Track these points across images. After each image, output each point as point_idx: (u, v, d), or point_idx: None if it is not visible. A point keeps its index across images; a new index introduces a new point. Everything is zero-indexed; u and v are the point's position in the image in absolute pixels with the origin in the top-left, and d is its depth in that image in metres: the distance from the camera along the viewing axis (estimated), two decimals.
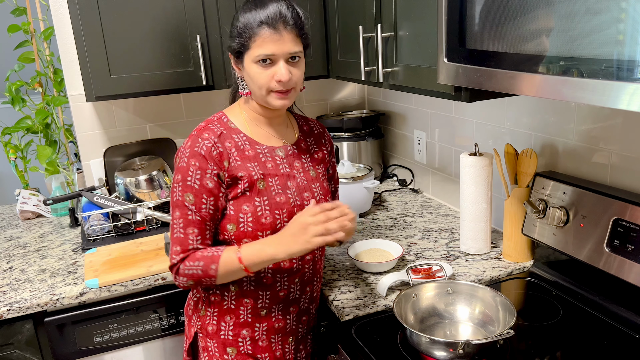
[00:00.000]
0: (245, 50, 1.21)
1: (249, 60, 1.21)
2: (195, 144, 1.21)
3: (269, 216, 1.24)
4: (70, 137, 2.52)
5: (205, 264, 1.19)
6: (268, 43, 1.18)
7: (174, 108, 2.32)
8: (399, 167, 2.44)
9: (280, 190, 1.27)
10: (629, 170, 1.34)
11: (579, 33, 0.87)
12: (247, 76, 1.24)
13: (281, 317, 1.34)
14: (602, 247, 1.29)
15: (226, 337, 1.32)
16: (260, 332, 1.33)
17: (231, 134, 1.26)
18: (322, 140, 1.43)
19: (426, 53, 1.40)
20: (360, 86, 2.65)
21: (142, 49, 1.84)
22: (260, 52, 1.18)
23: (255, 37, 1.18)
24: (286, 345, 1.37)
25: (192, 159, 1.20)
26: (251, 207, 1.23)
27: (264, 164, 1.27)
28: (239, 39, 1.21)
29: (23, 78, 2.64)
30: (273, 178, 1.27)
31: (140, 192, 2.03)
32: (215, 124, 1.27)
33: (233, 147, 1.25)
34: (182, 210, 1.21)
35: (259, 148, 1.28)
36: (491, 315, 1.27)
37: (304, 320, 1.40)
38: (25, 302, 1.52)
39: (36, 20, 2.54)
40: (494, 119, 1.77)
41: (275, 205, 1.25)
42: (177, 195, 1.21)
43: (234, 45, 1.24)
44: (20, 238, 2.03)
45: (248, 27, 1.19)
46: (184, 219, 1.21)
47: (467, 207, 1.61)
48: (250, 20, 1.19)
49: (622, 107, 0.81)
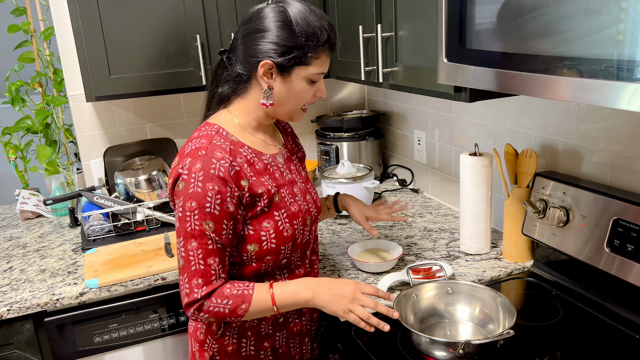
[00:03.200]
0: (299, 65, 1.14)
1: (300, 76, 1.15)
2: (211, 166, 1.09)
3: (289, 228, 1.20)
4: (70, 137, 2.52)
5: (234, 302, 1.11)
6: (326, 62, 1.17)
7: (174, 108, 2.32)
8: (399, 167, 2.44)
9: (292, 199, 1.23)
10: (629, 170, 1.34)
11: (579, 33, 0.87)
12: (287, 90, 1.16)
13: (297, 321, 1.32)
14: (602, 247, 1.29)
15: (247, 353, 1.27)
16: (280, 340, 1.29)
17: (237, 149, 1.17)
18: (295, 139, 1.43)
19: (426, 53, 1.40)
20: (360, 86, 2.65)
21: (142, 49, 1.84)
22: (319, 71, 1.16)
23: (320, 54, 1.15)
24: (304, 346, 1.36)
25: (209, 183, 1.08)
26: (272, 223, 1.17)
27: (273, 175, 1.22)
28: (297, 52, 1.12)
29: (23, 78, 2.64)
30: (283, 188, 1.23)
31: (140, 192, 2.04)
32: (220, 140, 1.15)
33: (245, 162, 1.16)
34: (200, 240, 1.09)
35: (265, 159, 1.22)
36: (491, 315, 1.27)
37: (315, 317, 1.39)
38: (25, 302, 1.52)
39: (36, 20, 2.54)
40: (494, 119, 1.77)
41: (292, 216, 1.21)
42: (192, 225, 1.09)
43: (283, 60, 1.12)
44: (20, 238, 2.03)
45: (311, 43, 1.12)
46: (204, 250, 1.10)
47: (467, 207, 1.61)
48: (315, 40, 1.12)
49: (622, 107, 0.81)
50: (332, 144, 2.38)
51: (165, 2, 1.83)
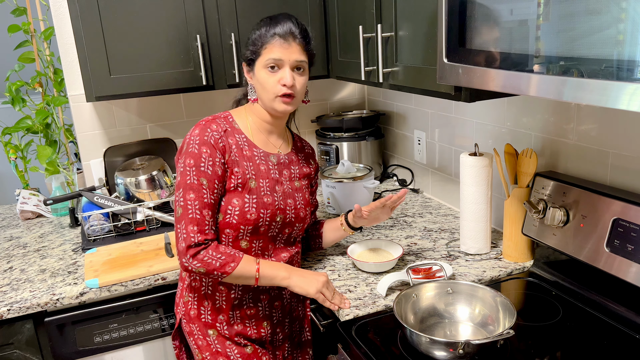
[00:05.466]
0: (256, 58, 1.35)
1: (259, 66, 1.35)
2: (205, 134, 1.32)
3: (254, 213, 1.35)
4: (70, 137, 2.52)
5: (226, 259, 1.29)
6: (277, 49, 1.32)
7: (174, 108, 2.32)
8: (399, 167, 2.44)
9: (268, 192, 1.38)
10: (629, 170, 1.34)
11: (579, 33, 0.87)
12: (257, 82, 1.37)
13: (252, 305, 1.43)
14: (602, 247, 1.29)
15: (206, 319, 1.42)
16: (234, 317, 1.42)
17: (234, 133, 1.37)
18: (310, 160, 1.56)
19: (426, 53, 1.40)
20: (360, 86, 2.65)
21: (142, 49, 1.84)
22: (269, 57, 1.32)
23: (267, 45, 1.33)
24: (261, 329, 1.46)
25: (203, 147, 1.30)
26: (240, 202, 1.34)
27: (257, 165, 1.38)
28: (253, 47, 1.36)
29: (23, 78, 2.64)
30: (264, 180, 1.38)
31: (140, 192, 2.03)
32: (222, 121, 1.38)
33: (234, 145, 1.36)
34: (197, 192, 1.29)
35: (256, 151, 1.40)
36: (491, 315, 1.27)
37: (276, 305, 1.47)
38: (26, 302, 1.52)
39: (36, 20, 2.54)
40: (494, 119, 1.77)
41: (262, 205, 1.36)
42: (191, 179, 1.29)
43: (247, 54, 1.38)
44: (21, 238, 2.03)
45: (262, 37, 1.34)
46: (200, 201, 1.29)
47: (467, 207, 1.61)
48: (264, 32, 1.34)
49: (622, 107, 0.81)
50: (332, 144, 2.38)
51: (165, 3, 1.84)
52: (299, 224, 1.46)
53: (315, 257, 1.71)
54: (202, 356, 1.42)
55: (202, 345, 1.42)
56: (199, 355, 1.43)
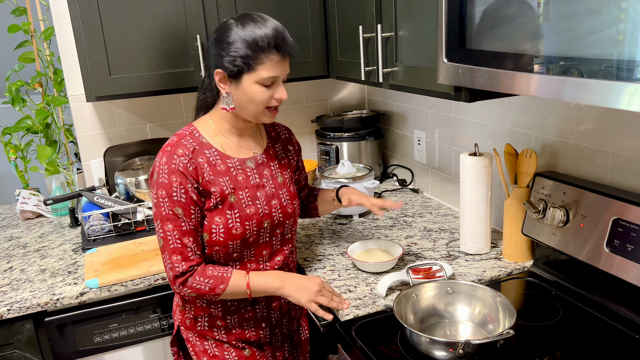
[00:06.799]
0: (246, 72, 1.24)
1: (250, 81, 1.25)
2: (172, 161, 1.26)
3: (239, 227, 1.32)
4: (70, 137, 2.52)
5: (214, 282, 1.28)
6: (275, 67, 1.24)
7: (174, 108, 2.32)
8: (399, 167, 2.44)
9: (250, 202, 1.34)
10: (629, 170, 1.34)
11: (579, 33, 0.87)
12: (243, 94, 1.27)
13: (250, 308, 1.42)
14: (602, 247, 1.29)
15: (202, 328, 1.41)
16: (232, 322, 1.41)
17: (203, 150, 1.31)
18: (288, 146, 1.50)
19: (426, 53, 1.40)
20: (360, 86, 2.65)
21: (142, 49, 1.84)
22: (268, 75, 1.24)
23: (263, 60, 1.23)
24: (260, 330, 1.45)
25: (172, 175, 1.25)
26: (222, 220, 1.31)
27: (235, 177, 1.34)
28: (241, 60, 1.23)
29: (23, 78, 2.64)
30: (244, 191, 1.34)
31: (140, 192, 2.04)
32: (188, 139, 1.31)
33: (205, 163, 1.30)
34: (174, 222, 1.26)
35: (230, 162, 1.34)
36: (491, 315, 1.27)
37: (274, 306, 1.46)
38: (26, 302, 1.52)
39: (36, 20, 2.54)
40: (494, 119, 1.77)
41: (246, 217, 1.33)
42: (165, 210, 1.26)
43: (232, 67, 1.24)
44: (21, 238, 2.03)
45: (254, 49, 1.22)
46: (179, 230, 1.26)
47: (467, 207, 1.61)
48: (255, 41, 1.21)
49: (622, 107, 0.81)
50: (332, 144, 2.38)
51: (165, 2, 1.84)
52: (289, 220, 1.43)
53: (315, 257, 1.71)
54: None
55: (199, 351, 1.41)
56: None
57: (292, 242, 1.48)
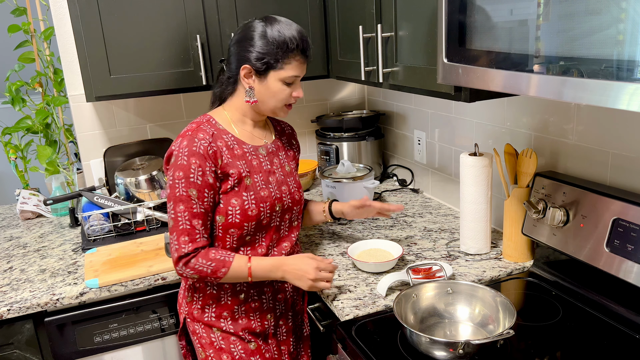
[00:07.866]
0: (273, 69, 1.35)
1: (275, 78, 1.36)
2: (193, 144, 1.32)
3: (255, 209, 1.38)
4: (70, 137, 2.52)
5: (216, 265, 1.32)
6: (299, 67, 1.37)
7: (174, 108, 2.32)
8: (399, 167, 2.44)
9: (263, 185, 1.41)
10: (629, 170, 1.34)
11: (579, 33, 0.87)
12: (266, 90, 1.38)
13: (257, 298, 1.45)
14: (602, 247, 1.29)
15: (209, 319, 1.44)
16: (239, 312, 1.44)
17: (221, 135, 1.39)
18: (292, 140, 1.60)
19: (426, 53, 1.40)
20: (360, 86, 2.65)
21: (142, 49, 1.84)
22: (292, 74, 1.36)
23: (290, 60, 1.35)
24: (265, 321, 1.48)
25: (192, 157, 1.31)
26: (239, 201, 1.36)
27: (250, 162, 1.41)
28: (270, 57, 1.33)
29: (23, 78, 2.64)
30: (258, 175, 1.41)
31: (140, 192, 2.03)
32: (207, 126, 1.38)
33: (224, 147, 1.37)
34: (186, 204, 1.31)
35: (246, 147, 1.42)
36: (491, 315, 1.27)
37: (279, 297, 1.50)
38: (26, 302, 1.52)
39: (36, 20, 2.54)
40: (494, 119, 1.77)
41: (260, 199, 1.39)
42: (180, 191, 1.30)
43: (259, 64, 1.34)
44: (21, 238, 2.03)
45: (284, 49, 1.33)
46: (189, 212, 1.31)
47: (467, 207, 1.61)
48: (284, 42, 1.33)
49: (622, 107, 0.81)
50: (332, 144, 2.38)
51: (165, 2, 1.84)
52: (297, 207, 1.50)
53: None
54: (206, 354, 1.43)
55: (205, 343, 1.43)
56: (202, 353, 1.43)
57: (298, 229, 1.53)
